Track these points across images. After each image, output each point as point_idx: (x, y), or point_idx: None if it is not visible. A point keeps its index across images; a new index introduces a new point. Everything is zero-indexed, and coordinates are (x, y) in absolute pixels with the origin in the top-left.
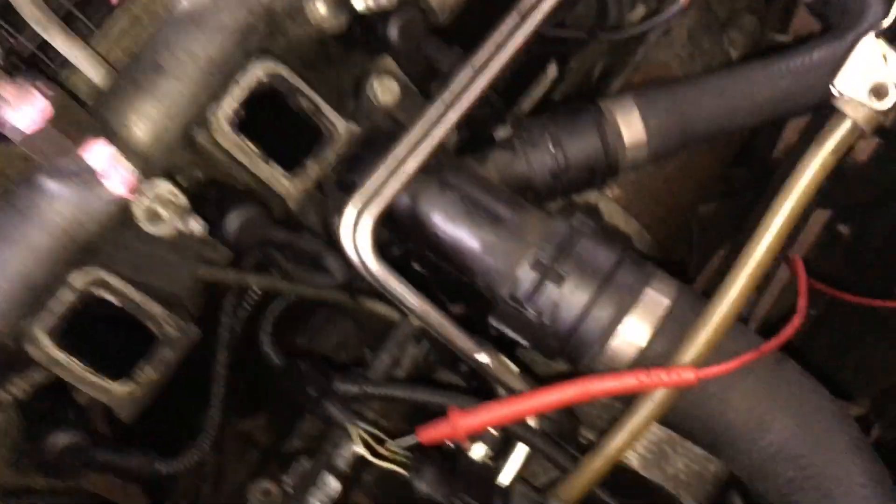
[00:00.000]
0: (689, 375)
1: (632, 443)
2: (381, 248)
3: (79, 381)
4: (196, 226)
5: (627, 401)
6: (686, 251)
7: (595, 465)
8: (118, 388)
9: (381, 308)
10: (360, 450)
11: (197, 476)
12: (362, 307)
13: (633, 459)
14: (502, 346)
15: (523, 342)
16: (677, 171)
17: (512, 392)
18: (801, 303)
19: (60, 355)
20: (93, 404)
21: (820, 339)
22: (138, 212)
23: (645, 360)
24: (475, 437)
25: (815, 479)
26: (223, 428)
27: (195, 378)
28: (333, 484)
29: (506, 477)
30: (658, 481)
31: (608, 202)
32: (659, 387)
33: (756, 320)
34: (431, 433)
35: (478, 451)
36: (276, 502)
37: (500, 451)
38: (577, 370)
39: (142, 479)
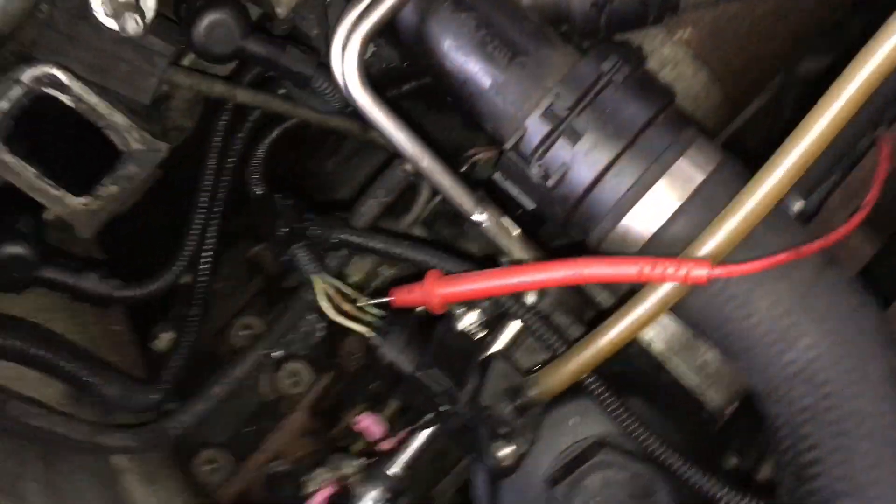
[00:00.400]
0: (700, 273)
1: (630, 337)
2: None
3: (30, 188)
4: (133, 24)
5: None
6: (765, 115)
7: (583, 357)
8: (74, 201)
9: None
10: (324, 303)
11: (186, 302)
12: (374, 140)
13: (656, 341)
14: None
15: (528, 204)
16: (770, 13)
17: (511, 260)
18: (872, 193)
19: (9, 158)
20: (59, 223)
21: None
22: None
23: (660, 244)
24: (469, 305)
25: (835, 412)
26: (219, 254)
27: None
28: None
29: (494, 348)
30: (681, 370)
31: (676, 46)
32: (663, 281)
33: None
34: (405, 295)
35: (467, 320)
36: (256, 336)
37: (493, 326)
38: (583, 246)
39: (103, 302)
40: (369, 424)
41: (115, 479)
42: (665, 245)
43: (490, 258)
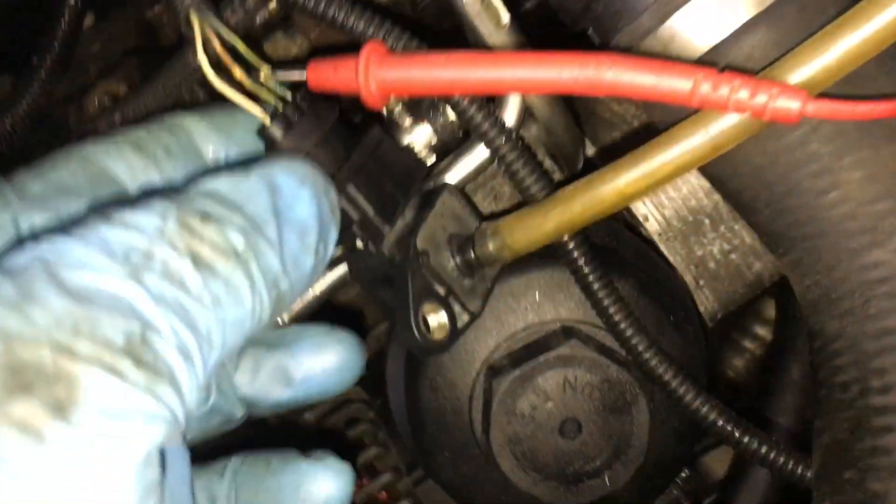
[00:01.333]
0: (789, 105)
1: (650, 187)
2: None
3: None
4: None
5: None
6: None
7: (570, 208)
8: None
9: None
10: (204, 63)
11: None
12: None
13: (651, 220)
14: None
15: None
16: None
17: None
18: None
19: None
20: None
21: None
22: None
23: (721, 61)
24: (421, 114)
25: None
26: None
27: None
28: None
29: (444, 179)
30: (676, 258)
31: None
32: (726, 109)
33: None
34: (328, 72)
35: (416, 136)
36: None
37: (449, 152)
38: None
39: None
40: None
41: None
42: (728, 65)
43: None
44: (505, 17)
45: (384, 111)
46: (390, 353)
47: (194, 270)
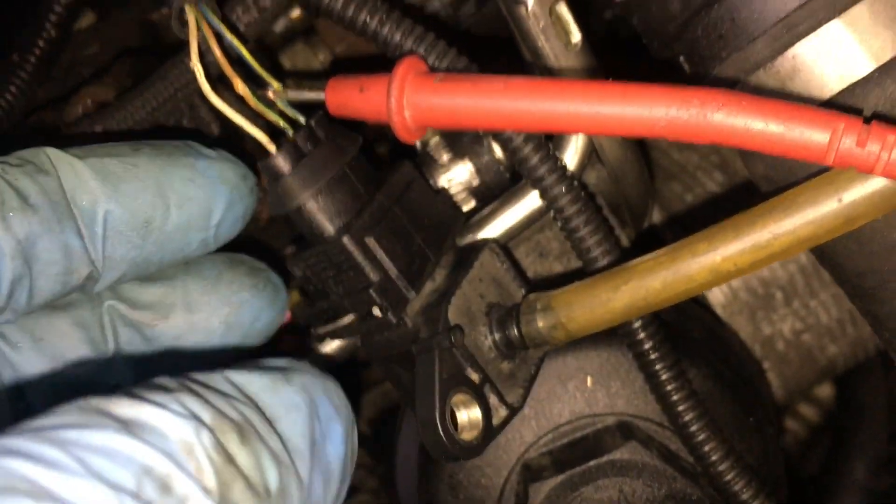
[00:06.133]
0: None
1: (752, 269)
2: None
3: None
4: None
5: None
6: None
7: (651, 283)
8: None
9: None
10: (198, 69)
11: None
12: None
13: (716, 290)
14: None
15: None
16: None
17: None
18: None
19: None
20: None
21: None
22: None
23: (862, 106)
24: (460, 152)
25: None
26: None
27: None
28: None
29: (485, 231)
30: (743, 338)
31: None
32: (881, 172)
33: None
34: (352, 92)
35: (454, 175)
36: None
37: (491, 196)
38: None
39: None
40: None
41: None
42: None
43: None
44: (576, 35)
45: (417, 143)
46: (403, 432)
47: None
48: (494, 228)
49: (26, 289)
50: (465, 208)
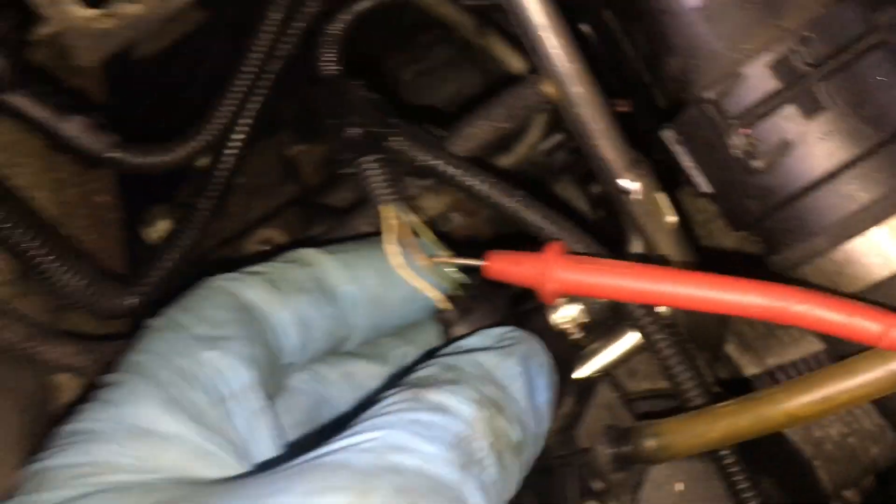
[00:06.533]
0: None
1: (818, 416)
2: None
3: None
4: None
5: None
6: None
7: (739, 421)
8: (79, 10)
9: (511, 58)
10: (389, 246)
11: (198, 189)
12: (487, 48)
13: None
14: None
15: (703, 184)
16: None
17: (656, 256)
18: None
19: None
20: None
21: None
22: None
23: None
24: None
25: None
26: (252, 141)
27: None
28: None
29: (588, 368)
30: (794, 437)
31: None
32: None
33: None
34: (509, 265)
35: (564, 313)
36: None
37: (600, 328)
38: (769, 263)
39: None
40: None
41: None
42: None
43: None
44: (671, 217)
45: None
46: None
47: (497, 464)
48: (601, 359)
49: (308, 350)
50: (575, 335)
